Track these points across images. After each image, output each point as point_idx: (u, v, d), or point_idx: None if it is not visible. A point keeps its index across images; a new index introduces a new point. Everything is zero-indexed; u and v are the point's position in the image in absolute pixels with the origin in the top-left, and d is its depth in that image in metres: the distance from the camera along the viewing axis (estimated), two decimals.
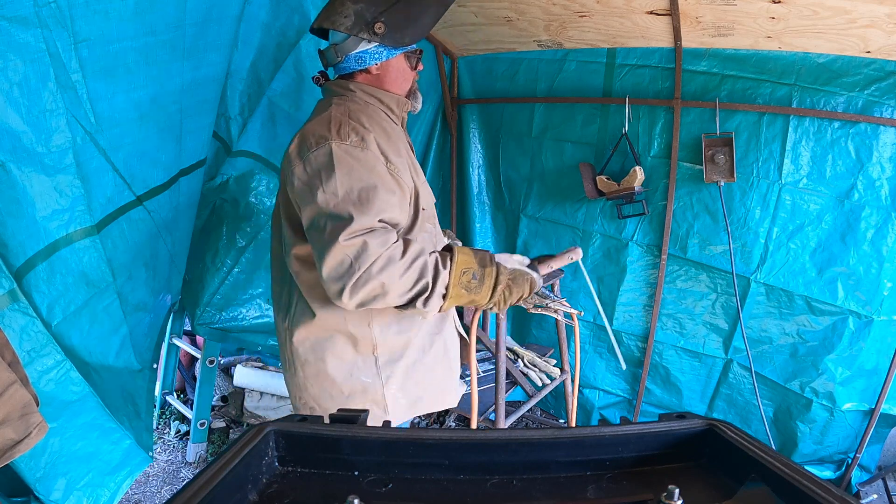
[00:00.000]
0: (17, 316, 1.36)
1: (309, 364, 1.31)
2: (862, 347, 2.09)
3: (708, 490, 0.49)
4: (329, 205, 1.10)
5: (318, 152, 1.13)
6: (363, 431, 0.52)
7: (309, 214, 1.14)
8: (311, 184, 1.13)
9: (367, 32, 1.21)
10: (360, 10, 1.20)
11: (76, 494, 1.59)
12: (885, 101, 1.92)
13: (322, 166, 1.12)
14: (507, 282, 1.25)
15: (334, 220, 1.09)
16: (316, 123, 1.18)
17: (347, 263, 1.08)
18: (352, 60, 1.26)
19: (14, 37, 1.16)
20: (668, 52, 2.26)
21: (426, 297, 1.15)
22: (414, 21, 1.24)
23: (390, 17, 1.21)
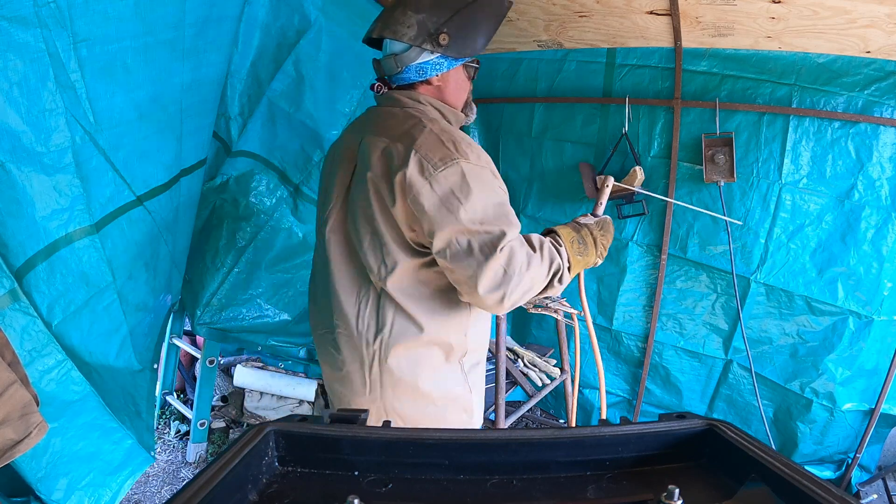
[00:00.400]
0: (18, 316, 1.35)
1: (403, 382, 1.25)
2: (862, 347, 2.09)
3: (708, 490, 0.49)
4: (475, 223, 1.09)
5: (448, 171, 1.10)
6: (363, 431, 0.52)
7: (450, 235, 1.10)
8: (448, 204, 1.09)
9: (431, 43, 1.18)
10: (423, 20, 1.17)
11: (77, 494, 1.59)
12: (885, 101, 1.92)
13: (455, 185, 1.10)
14: (599, 234, 1.35)
15: (483, 238, 1.09)
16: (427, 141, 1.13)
17: (502, 273, 1.10)
18: (412, 71, 1.23)
19: (13, 36, 1.16)
20: (668, 52, 2.26)
21: (560, 275, 1.21)
22: (475, 31, 1.22)
23: (453, 27, 1.18)
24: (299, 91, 2.26)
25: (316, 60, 2.24)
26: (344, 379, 1.31)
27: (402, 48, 1.21)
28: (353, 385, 1.30)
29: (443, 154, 1.11)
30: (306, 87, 2.27)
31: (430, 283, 1.20)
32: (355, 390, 1.30)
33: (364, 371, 1.27)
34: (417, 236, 1.16)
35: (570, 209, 2.68)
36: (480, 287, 1.10)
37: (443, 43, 1.18)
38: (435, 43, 1.18)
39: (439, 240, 1.10)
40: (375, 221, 1.18)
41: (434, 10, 1.18)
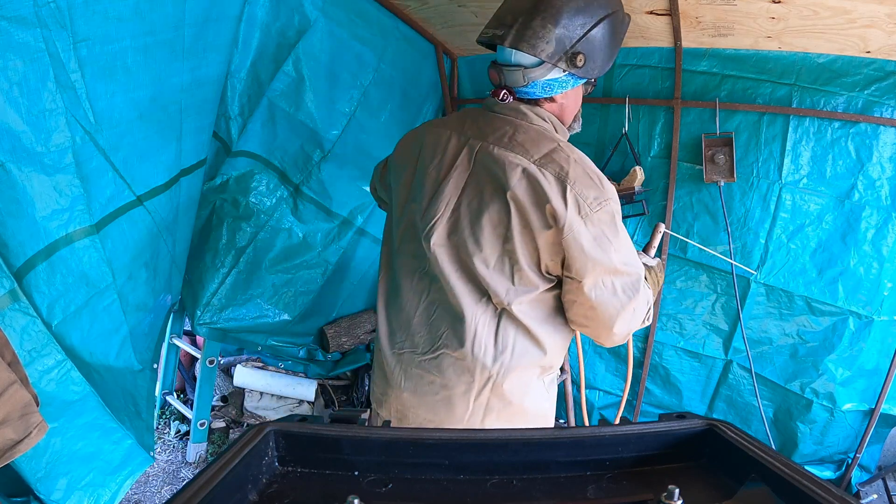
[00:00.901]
0: (18, 316, 1.36)
1: (513, 406, 1.21)
2: (862, 348, 2.09)
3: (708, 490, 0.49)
4: (622, 265, 1.11)
5: (602, 213, 1.09)
6: (363, 431, 0.52)
7: (599, 274, 1.10)
8: (601, 244, 1.09)
9: (567, 63, 1.12)
10: (561, 37, 1.09)
11: (77, 494, 1.59)
12: (885, 101, 1.92)
13: (608, 227, 1.10)
14: (656, 271, 1.40)
15: (626, 280, 1.13)
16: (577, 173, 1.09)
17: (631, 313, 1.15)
18: (539, 87, 1.16)
19: (13, 36, 1.16)
20: (668, 52, 2.26)
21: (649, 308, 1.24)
22: (605, 52, 1.16)
23: (587, 46, 1.12)
24: (299, 91, 2.26)
25: (316, 60, 2.24)
26: (437, 404, 1.22)
27: (533, 63, 1.13)
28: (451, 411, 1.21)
29: (596, 193, 1.09)
30: (306, 87, 2.27)
31: (548, 305, 1.19)
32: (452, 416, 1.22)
33: (469, 396, 1.19)
34: (554, 267, 1.13)
35: None
36: (617, 326, 1.14)
37: (579, 65, 1.12)
38: (571, 63, 1.12)
39: (589, 278, 1.10)
40: (511, 243, 1.11)
41: (571, 26, 1.11)
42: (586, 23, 1.11)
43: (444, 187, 1.17)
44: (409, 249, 1.24)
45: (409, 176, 1.26)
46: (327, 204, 2.55)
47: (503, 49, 1.16)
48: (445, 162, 1.19)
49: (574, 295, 1.13)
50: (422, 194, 1.21)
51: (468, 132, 1.19)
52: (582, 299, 1.12)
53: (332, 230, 2.62)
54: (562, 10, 1.09)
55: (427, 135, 1.27)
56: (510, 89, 1.19)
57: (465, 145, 1.18)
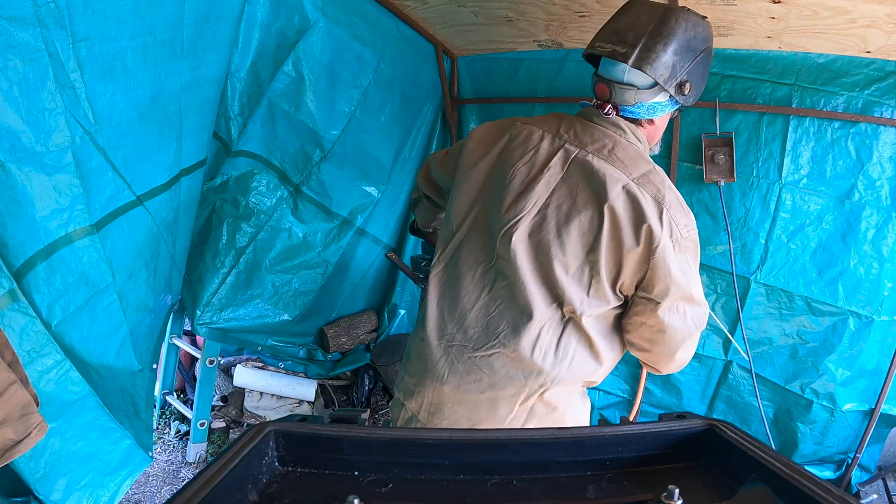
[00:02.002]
0: (17, 316, 1.35)
1: (556, 412, 1.21)
2: (862, 348, 2.09)
3: (708, 490, 0.49)
4: (695, 293, 1.15)
5: (689, 240, 1.13)
6: (363, 431, 0.52)
7: (676, 299, 1.12)
8: (684, 270, 1.12)
9: (676, 90, 1.14)
10: (676, 64, 1.12)
11: (76, 495, 1.59)
12: (885, 101, 1.92)
13: (691, 255, 1.14)
14: None
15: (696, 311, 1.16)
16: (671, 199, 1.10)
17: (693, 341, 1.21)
18: (644, 109, 1.17)
19: (13, 36, 1.16)
20: None
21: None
22: (702, 81, 1.21)
23: (692, 75, 1.16)
24: (299, 91, 2.26)
25: (316, 60, 2.24)
26: (479, 403, 1.19)
27: (647, 84, 1.14)
28: (494, 411, 1.19)
29: (686, 221, 1.13)
30: (306, 87, 2.27)
31: (611, 323, 1.21)
32: (494, 416, 1.19)
33: (517, 399, 1.17)
34: (629, 287, 1.14)
35: None
36: (679, 353, 1.19)
37: (685, 92, 1.15)
38: (679, 90, 1.15)
39: (667, 301, 1.11)
40: (597, 254, 1.10)
41: (684, 54, 1.13)
42: (694, 53, 1.14)
43: (535, 186, 1.15)
44: (479, 240, 1.20)
45: (487, 166, 1.23)
46: (327, 204, 2.55)
47: (615, 65, 1.15)
48: (538, 161, 1.18)
49: (646, 317, 1.14)
50: (505, 189, 1.18)
51: (564, 136, 1.20)
52: (654, 321, 1.14)
53: (332, 230, 2.62)
54: (680, 38, 1.12)
55: (516, 129, 1.25)
56: (616, 105, 1.19)
57: (560, 148, 1.18)
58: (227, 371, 3.02)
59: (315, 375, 2.92)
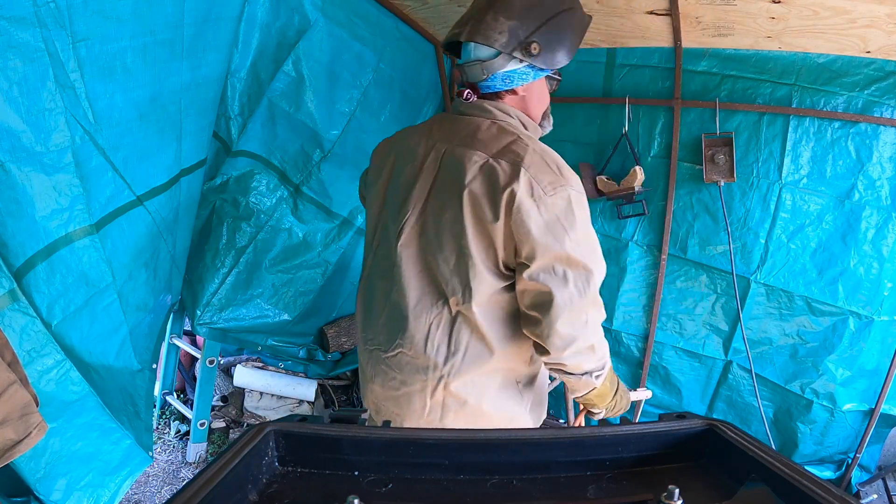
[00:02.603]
0: (17, 316, 1.35)
1: (468, 406, 1.22)
2: (862, 348, 2.09)
3: (708, 490, 0.49)
4: (576, 254, 1.08)
5: (556, 197, 1.08)
6: (363, 431, 0.52)
7: (549, 261, 1.08)
8: (553, 230, 1.08)
9: (522, 52, 1.15)
10: (515, 28, 1.14)
11: (76, 495, 1.59)
12: (885, 101, 1.92)
13: (562, 213, 1.08)
14: (622, 392, 1.32)
15: (580, 273, 1.09)
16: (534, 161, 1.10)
17: (584, 321, 1.10)
18: (499, 80, 1.18)
19: (13, 36, 1.16)
20: (668, 51, 2.26)
21: (600, 373, 1.19)
22: (563, 43, 1.19)
23: (543, 37, 1.15)
24: (299, 91, 2.26)
25: (316, 60, 2.24)
26: (400, 399, 1.26)
27: (490, 55, 1.17)
28: (411, 406, 1.25)
29: (552, 178, 1.09)
30: (306, 87, 2.27)
31: (507, 307, 1.18)
32: (413, 411, 1.25)
33: (426, 394, 1.22)
34: (508, 257, 1.12)
35: None
36: (559, 321, 1.08)
37: (534, 52, 1.15)
38: (526, 52, 1.14)
39: (537, 264, 1.08)
40: (465, 239, 1.13)
41: (525, 19, 1.15)
42: (541, 15, 1.16)
43: (414, 191, 1.21)
44: (382, 252, 1.28)
45: (384, 182, 1.30)
46: (327, 204, 2.55)
47: (465, 48, 1.21)
48: (416, 166, 1.23)
49: (523, 283, 1.11)
50: (395, 199, 1.25)
51: (436, 136, 1.23)
52: (531, 286, 1.10)
53: (332, 230, 2.62)
54: (514, 5, 1.14)
55: (400, 142, 1.31)
56: (474, 86, 1.22)
57: (432, 149, 1.21)
58: (227, 371, 3.02)
59: (315, 375, 2.92)
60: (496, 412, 1.25)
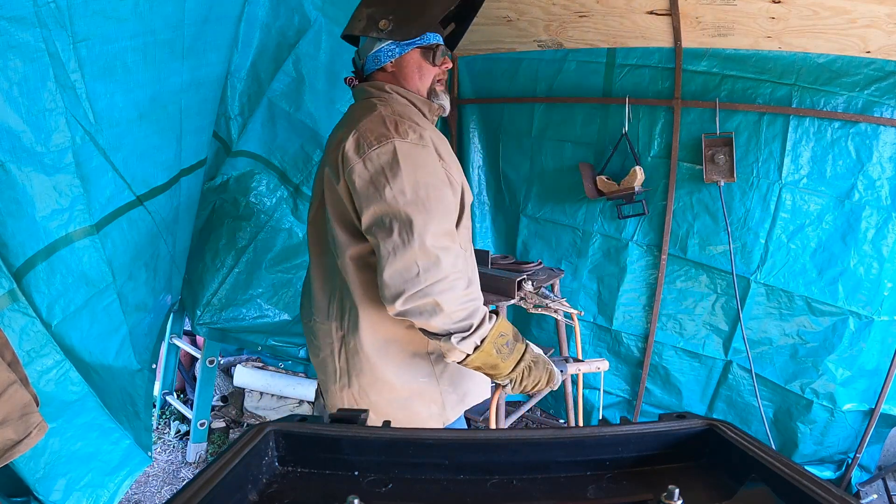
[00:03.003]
0: (17, 316, 1.35)
1: (365, 373, 1.27)
2: (862, 348, 2.09)
3: (708, 490, 0.49)
4: (399, 203, 1.08)
5: (381, 150, 1.11)
6: (363, 431, 0.52)
7: (374, 212, 1.11)
8: (376, 181, 1.10)
9: (375, 31, 1.24)
10: (372, 13, 1.25)
11: (76, 495, 1.59)
12: (885, 101, 1.92)
13: (386, 164, 1.10)
14: (530, 362, 1.24)
15: (404, 222, 1.08)
16: (370, 122, 1.16)
17: (414, 272, 1.07)
18: (370, 61, 1.29)
19: (13, 36, 1.16)
20: (668, 52, 2.26)
21: (464, 336, 1.13)
22: (420, 14, 1.25)
23: (397, 12, 1.24)
24: (299, 91, 2.26)
25: (316, 60, 2.24)
26: (320, 365, 1.36)
27: (361, 41, 1.31)
28: (327, 371, 1.34)
29: (379, 133, 1.13)
30: (306, 87, 2.27)
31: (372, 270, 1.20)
32: (329, 376, 1.34)
33: (335, 358, 1.30)
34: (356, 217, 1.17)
35: (569, 209, 2.68)
36: (387, 270, 1.08)
37: (383, 28, 1.23)
38: (378, 30, 1.23)
39: (366, 217, 1.12)
40: (326, 206, 1.23)
41: (381, 3, 1.26)
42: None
43: (316, 178, 1.35)
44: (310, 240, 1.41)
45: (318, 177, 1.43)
46: None
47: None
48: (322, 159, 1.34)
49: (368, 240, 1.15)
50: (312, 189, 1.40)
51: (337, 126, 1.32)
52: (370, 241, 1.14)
53: None
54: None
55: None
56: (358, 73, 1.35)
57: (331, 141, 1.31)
58: (227, 371, 3.02)
59: (315, 375, 2.92)
60: (399, 382, 1.27)
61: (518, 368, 1.22)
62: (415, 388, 1.29)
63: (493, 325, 1.17)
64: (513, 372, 1.22)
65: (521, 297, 2.05)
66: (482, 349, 1.15)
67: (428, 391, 1.31)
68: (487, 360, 1.18)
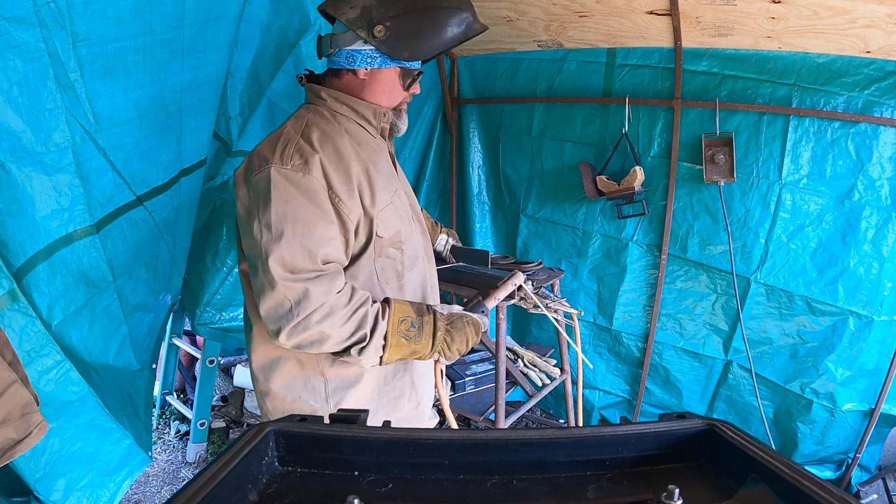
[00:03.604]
0: (17, 316, 1.35)
1: (259, 382, 1.27)
2: (862, 348, 2.09)
3: (708, 490, 0.49)
4: (263, 238, 1.03)
5: (259, 176, 1.06)
6: (363, 431, 0.52)
7: (247, 244, 1.09)
8: (250, 211, 1.07)
9: (366, 32, 1.10)
10: (369, 6, 1.10)
11: (76, 495, 1.59)
12: (885, 101, 1.92)
13: (261, 192, 1.05)
14: (446, 328, 1.18)
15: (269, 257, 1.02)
16: (266, 142, 1.11)
17: (287, 307, 1.03)
18: (343, 56, 1.15)
19: (13, 36, 1.16)
20: (668, 52, 2.26)
21: (362, 346, 1.09)
22: (420, 38, 1.12)
23: (397, 23, 1.10)
24: (299, 91, 2.25)
25: (316, 61, 2.24)
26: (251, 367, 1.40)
27: (341, 29, 1.14)
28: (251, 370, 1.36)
29: (263, 157, 1.07)
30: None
31: None
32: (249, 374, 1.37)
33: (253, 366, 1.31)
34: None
35: (569, 209, 2.68)
36: (262, 308, 1.04)
37: (377, 35, 1.10)
38: (370, 33, 1.10)
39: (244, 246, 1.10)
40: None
41: (384, 1, 1.11)
42: (407, 4, 1.11)
43: None
44: None
45: None
46: None
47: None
48: None
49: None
50: None
51: None
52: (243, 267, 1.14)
53: None
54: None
55: None
56: (308, 74, 1.25)
57: None
58: (227, 371, 3.02)
59: None
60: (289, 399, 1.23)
61: (437, 342, 1.16)
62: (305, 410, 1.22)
63: (389, 317, 1.11)
64: (434, 348, 1.16)
65: (521, 298, 2.05)
66: (390, 346, 1.10)
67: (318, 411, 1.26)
68: (402, 351, 1.13)
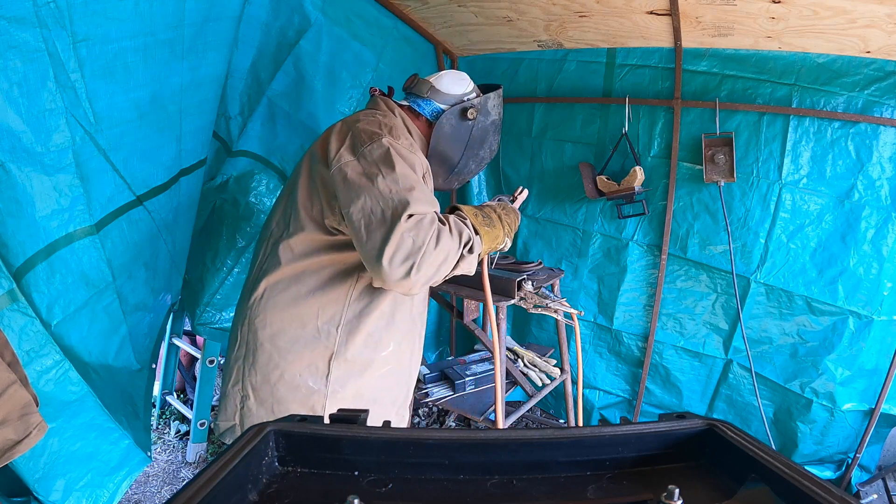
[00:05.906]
0: (17, 316, 1.35)
1: (264, 351, 1.30)
2: (862, 347, 2.09)
3: (708, 490, 0.49)
4: (390, 191, 1.15)
5: (373, 146, 1.20)
6: (363, 431, 0.52)
7: (364, 203, 1.15)
8: (369, 174, 1.17)
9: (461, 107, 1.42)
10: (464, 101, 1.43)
11: (75, 495, 1.59)
12: (885, 101, 1.92)
13: (380, 159, 1.18)
14: (502, 212, 1.41)
15: (394, 205, 1.13)
16: (365, 124, 1.25)
17: (410, 242, 1.12)
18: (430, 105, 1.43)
19: (13, 36, 1.16)
20: (668, 52, 2.26)
21: (471, 244, 1.23)
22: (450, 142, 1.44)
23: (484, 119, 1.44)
24: (299, 91, 2.26)
25: (316, 60, 2.24)
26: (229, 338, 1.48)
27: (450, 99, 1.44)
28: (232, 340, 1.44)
29: (373, 133, 1.22)
30: (306, 87, 2.27)
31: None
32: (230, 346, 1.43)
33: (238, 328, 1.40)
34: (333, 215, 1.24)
35: (570, 209, 2.68)
36: (386, 255, 1.11)
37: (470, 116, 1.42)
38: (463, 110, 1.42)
39: (356, 207, 1.15)
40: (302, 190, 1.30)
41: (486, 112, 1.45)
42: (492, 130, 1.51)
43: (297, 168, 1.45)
44: None
45: None
46: None
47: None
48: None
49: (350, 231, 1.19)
50: None
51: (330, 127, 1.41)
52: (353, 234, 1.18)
53: None
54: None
55: None
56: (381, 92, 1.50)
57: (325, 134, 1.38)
58: None
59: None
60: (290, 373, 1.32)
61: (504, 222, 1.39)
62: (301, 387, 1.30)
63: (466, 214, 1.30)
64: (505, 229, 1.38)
65: (521, 297, 2.05)
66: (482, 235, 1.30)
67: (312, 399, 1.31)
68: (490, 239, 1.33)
